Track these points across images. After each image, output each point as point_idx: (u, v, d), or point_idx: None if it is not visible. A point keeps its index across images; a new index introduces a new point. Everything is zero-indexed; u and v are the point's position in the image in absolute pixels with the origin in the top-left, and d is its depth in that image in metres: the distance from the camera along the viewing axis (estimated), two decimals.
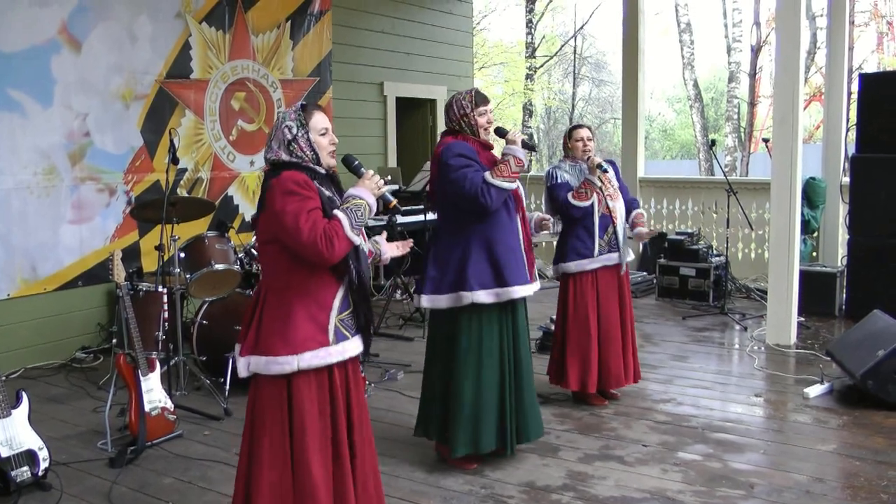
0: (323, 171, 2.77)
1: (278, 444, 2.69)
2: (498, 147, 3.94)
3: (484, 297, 3.70)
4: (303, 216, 2.57)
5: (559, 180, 4.64)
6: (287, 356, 2.64)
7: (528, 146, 3.79)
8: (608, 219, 4.65)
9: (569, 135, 4.73)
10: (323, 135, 2.76)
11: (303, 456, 2.68)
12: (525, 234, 3.88)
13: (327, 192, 2.72)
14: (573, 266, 4.66)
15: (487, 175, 3.63)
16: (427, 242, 4.03)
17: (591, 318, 4.64)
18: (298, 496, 2.68)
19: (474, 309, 3.72)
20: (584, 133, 4.67)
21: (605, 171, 4.60)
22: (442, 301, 3.75)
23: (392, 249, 3.17)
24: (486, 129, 3.80)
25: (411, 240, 3.36)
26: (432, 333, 3.93)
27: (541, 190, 5.52)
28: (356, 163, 2.87)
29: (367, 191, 2.73)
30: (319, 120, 2.77)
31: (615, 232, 4.66)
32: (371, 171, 2.79)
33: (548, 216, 4.32)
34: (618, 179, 4.79)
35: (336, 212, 2.64)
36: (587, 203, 4.60)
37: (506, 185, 3.65)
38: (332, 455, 2.74)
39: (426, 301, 3.79)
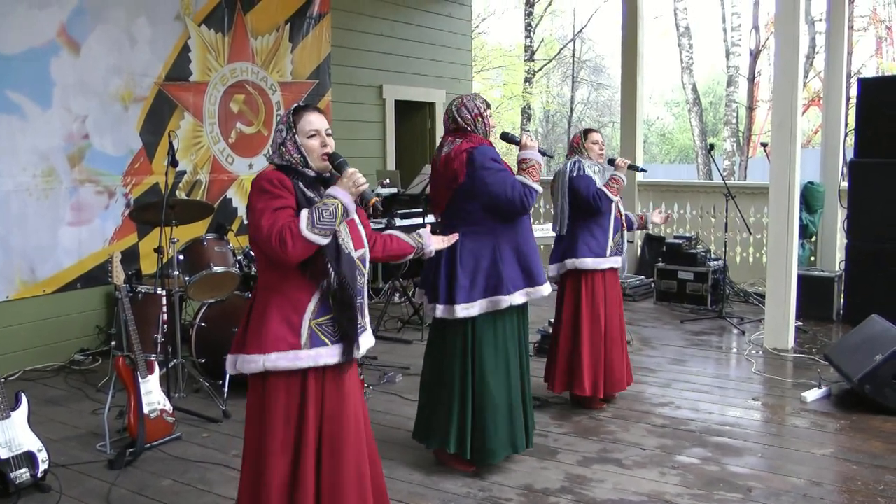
0: (312, 174, 2.68)
1: (254, 440, 2.69)
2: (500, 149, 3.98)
3: (519, 298, 3.73)
4: (266, 214, 2.52)
5: (585, 172, 4.56)
6: (255, 354, 2.60)
7: (546, 154, 3.93)
8: (619, 222, 4.71)
9: (584, 136, 4.71)
10: (311, 137, 2.66)
11: (262, 456, 2.65)
12: None
13: (309, 193, 2.62)
14: (590, 262, 4.58)
15: (524, 179, 3.68)
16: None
17: (601, 319, 4.62)
18: (261, 492, 2.66)
19: (498, 312, 3.72)
20: (599, 137, 4.72)
21: (645, 170, 4.98)
22: (475, 308, 3.66)
23: (438, 243, 3.20)
24: (492, 131, 3.88)
25: (456, 234, 3.45)
26: (447, 342, 3.77)
27: None
28: (339, 160, 2.69)
29: (343, 189, 2.58)
30: (309, 121, 2.67)
31: (622, 236, 4.72)
32: (352, 169, 2.62)
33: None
34: None
35: (302, 210, 2.53)
36: (617, 198, 4.62)
37: (539, 188, 3.74)
38: (293, 463, 2.64)
39: (462, 311, 3.64)
